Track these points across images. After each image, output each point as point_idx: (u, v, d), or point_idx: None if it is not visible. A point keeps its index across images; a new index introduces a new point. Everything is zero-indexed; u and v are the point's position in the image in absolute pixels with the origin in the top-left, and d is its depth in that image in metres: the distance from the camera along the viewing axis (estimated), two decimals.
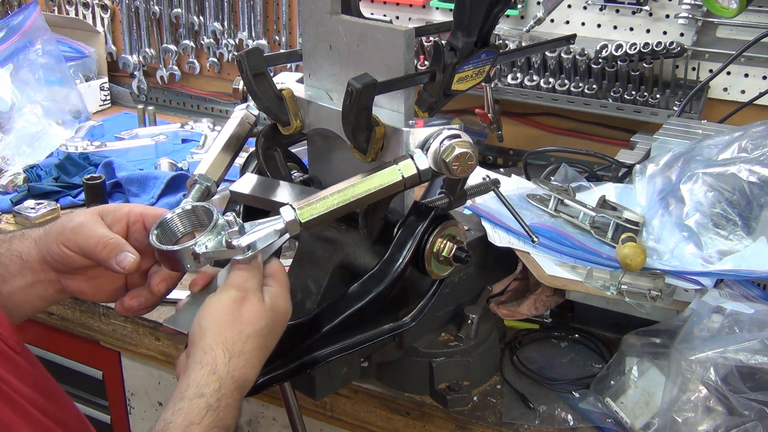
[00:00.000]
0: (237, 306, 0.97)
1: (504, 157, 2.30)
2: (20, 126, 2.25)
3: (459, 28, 1.12)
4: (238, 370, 0.94)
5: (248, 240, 0.98)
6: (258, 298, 0.99)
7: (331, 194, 1.02)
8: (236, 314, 0.96)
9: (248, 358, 0.95)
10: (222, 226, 0.99)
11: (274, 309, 1.00)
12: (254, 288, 0.99)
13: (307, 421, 1.36)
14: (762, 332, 1.14)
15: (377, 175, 1.03)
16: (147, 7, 2.64)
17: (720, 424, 1.11)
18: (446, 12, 2.17)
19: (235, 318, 0.96)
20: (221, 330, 0.95)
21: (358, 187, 1.03)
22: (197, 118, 2.52)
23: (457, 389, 1.30)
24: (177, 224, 1.04)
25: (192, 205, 1.04)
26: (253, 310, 0.97)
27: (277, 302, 1.01)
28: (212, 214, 1.00)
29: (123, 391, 1.82)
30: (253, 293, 0.98)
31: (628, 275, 1.30)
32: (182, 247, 0.98)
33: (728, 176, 1.36)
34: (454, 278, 1.31)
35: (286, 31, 2.48)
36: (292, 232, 1.01)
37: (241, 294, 0.98)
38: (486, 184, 1.29)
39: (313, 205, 1.01)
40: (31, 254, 1.07)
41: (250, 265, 1.00)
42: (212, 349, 0.94)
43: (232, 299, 0.97)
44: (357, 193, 1.03)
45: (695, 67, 1.95)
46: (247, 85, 1.17)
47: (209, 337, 0.95)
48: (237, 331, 0.95)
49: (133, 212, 1.09)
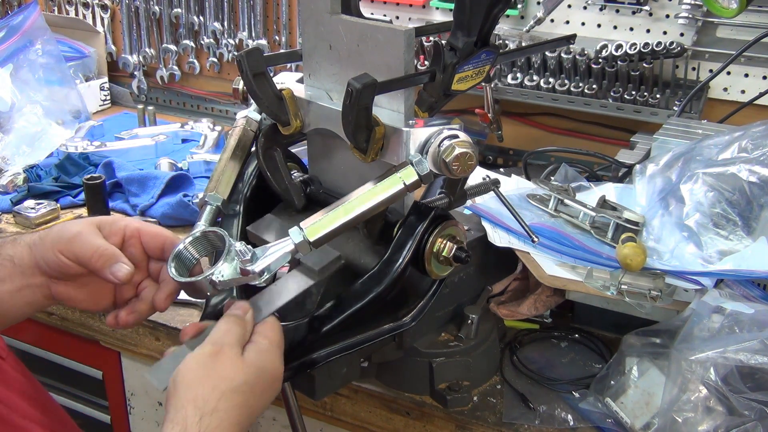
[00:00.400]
0: (211, 361, 0.92)
1: (504, 157, 2.30)
2: (20, 126, 2.25)
3: (459, 28, 1.12)
4: (210, 430, 0.88)
5: (262, 265, 0.99)
6: (235, 352, 0.94)
7: (335, 210, 1.03)
8: (209, 369, 0.92)
9: (223, 417, 0.89)
10: (235, 252, 1.00)
11: (257, 365, 0.95)
12: (232, 342, 0.95)
13: (307, 421, 1.36)
14: (762, 332, 1.14)
15: (380, 187, 1.04)
16: (147, 7, 2.64)
17: (720, 424, 1.11)
18: (446, 12, 2.17)
19: (208, 373, 0.91)
20: (193, 386, 0.90)
21: (362, 202, 1.04)
22: (197, 118, 2.52)
23: (457, 389, 1.30)
24: (191, 252, 1.05)
25: (202, 232, 1.06)
26: (228, 365, 0.92)
27: (262, 359, 0.96)
28: (224, 239, 1.01)
29: (123, 391, 1.81)
30: (230, 347, 0.94)
31: (628, 275, 1.30)
32: (201, 278, 0.99)
33: (728, 176, 1.36)
34: (454, 278, 1.31)
35: (286, 31, 2.48)
36: (304, 253, 1.02)
37: (216, 348, 0.93)
38: (486, 184, 1.29)
39: (320, 223, 1.02)
40: (23, 258, 1.07)
41: (232, 320, 0.98)
42: (183, 407, 0.89)
43: (206, 354, 0.93)
44: (362, 208, 1.04)
45: (695, 67, 1.95)
46: (247, 85, 1.17)
47: (181, 394, 0.90)
48: (210, 388, 0.90)
49: (130, 227, 1.09)
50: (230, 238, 1.00)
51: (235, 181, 1.30)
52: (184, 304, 1.57)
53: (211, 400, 0.89)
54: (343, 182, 1.24)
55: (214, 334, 0.96)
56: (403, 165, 1.05)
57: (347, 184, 1.17)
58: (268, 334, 0.99)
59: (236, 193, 1.29)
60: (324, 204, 1.07)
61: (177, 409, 0.89)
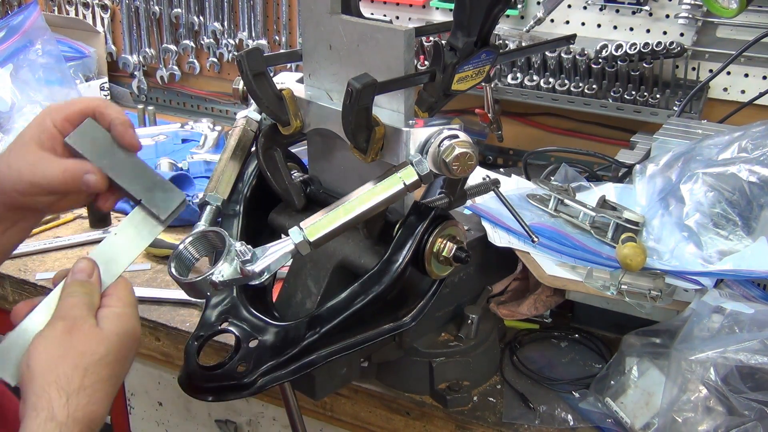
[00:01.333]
0: (66, 337, 0.87)
1: (504, 157, 2.30)
2: (20, 126, 2.24)
3: (459, 28, 1.12)
4: (81, 409, 0.84)
5: (262, 265, 0.99)
6: (90, 324, 0.89)
7: (335, 210, 1.03)
8: (66, 347, 0.86)
9: (91, 393, 0.85)
10: (235, 252, 1.00)
11: (117, 332, 0.90)
12: (84, 314, 0.90)
13: (307, 421, 1.36)
14: (762, 332, 1.14)
15: (380, 187, 1.04)
16: (147, 7, 2.64)
17: (720, 424, 1.11)
18: (446, 12, 2.17)
19: (65, 352, 0.86)
20: (52, 368, 0.85)
21: (362, 202, 1.04)
22: (197, 118, 2.52)
23: (457, 389, 1.30)
24: (192, 252, 1.05)
25: (203, 232, 1.05)
26: (85, 339, 0.87)
27: (119, 324, 0.91)
28: (224, 239, 1.01)
29: (123, 391, 1.81)
30: (83, 320, 0.89)
31: (628, 275, 1.30)
32: (201, 278, 0.99)
33: (728, 176, 1.36)
34: (454, 278, 1.31)
35: (286, 31, 2.48)
36: (303, 252, 1.02)
37: (69, 323, 0.88)
38: (486, 184, 1.29)
39: (319, 223, 1.02)
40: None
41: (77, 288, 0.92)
42: (45, 391, 0.83)
43: (59, 331, 0.87)
44: (362, 208, 1.04)
45: (695, 67, 1.95)
46: (247, 85, 1.17)
47: (39, 378, 0.84)
48: (71, 366, 0.85)
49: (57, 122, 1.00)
50: (230, 238, 1.00)
51: (235, 181, 1.30)
52: (184, 304, 1.57)
53: (75, 378, 0.85)
54: (343, 182, 1.24)
55: (61, 308, 0.90)
56: (403, 165, 1.05)
57: (347, 184, 1.17)
58: (121, 296, 0.94)
59: (236, 193, 1.29)
60: (324, 204, 1.07)
61: (39, 395, 0.83)
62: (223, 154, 1.31)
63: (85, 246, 1.81)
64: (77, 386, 0.84)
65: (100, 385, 0.86)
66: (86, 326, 0.89)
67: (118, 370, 0.90)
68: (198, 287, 1.00)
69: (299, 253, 1.02)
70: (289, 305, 1.22)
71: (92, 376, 0.86)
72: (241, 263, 0.99)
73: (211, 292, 1.01)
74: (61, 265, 1.73)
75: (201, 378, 1.08)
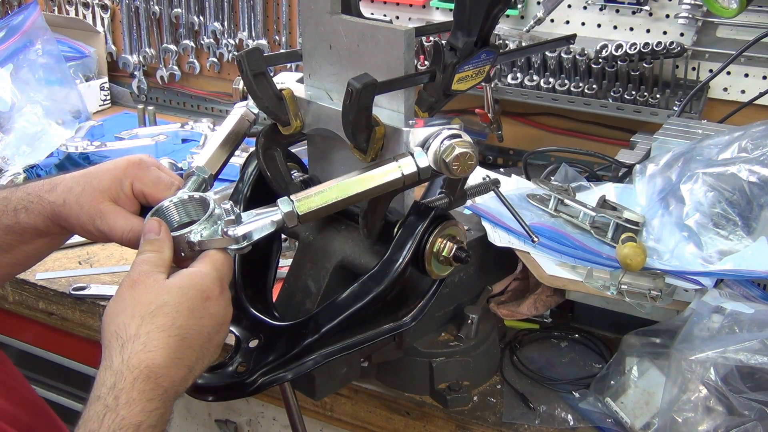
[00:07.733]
0: (129, 291, 0.90)
1: (504, 157, 2.30)
2: (20, 126, 2.25)
3: (459, 28, 1.12)
4: (135, 356, 0.85)
5: (244, 230, 0.98)
6: (154, 278, 0.91)
7: (330, 188, 1.02)
8: (128, 300, 0.89)
9: (147, 341, 0.86)
10: (218, 215, 0.98)
11: (179, 285, 0.91)
12: (148, 269, 0.92)
13: (307, 421, 1.36)
14: (762, 332, 1.14)
15: (377, 171, 1.03)
16: (147, 7, 2.64)
17: (720, 424, 1.11)
18: (446, 12, 2.17)
19: (126, 304, 0.89)
20: (114, 319, 0.88)
21: (357, 182, 1.03)
22: (197, 118, 2.51)
23: (457, 389, 1.30)
24: (173, 213, 1.04)
25: (188, 195, 1.04)
26: (145, 291, 0.90)
27: (186, 279, 0.92)
28: (208, 204, 0.99)
29: None
30: (147, 275, 0.91)
31: (628, 275, 1.30)
32: (176, 234, 0.97)
33: (728, 176, 1.36)
34: (454, 278, 1.31)
35: (286, 31, 2.48)
36: (290, 224, 1.01)
37: (134, 278, 0.91)
38: (486, 184, 1.29)
39: (312, 198, 1.01)
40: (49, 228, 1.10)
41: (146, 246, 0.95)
42: (109, 342, 0.87)
43: (125, 287, 0.91)
44: (355, 188, 1.03)
45: (695, 67, 1.95)
46: (247, 85, 1.17)
47: (105, 332, 0.88)
48: (129, 316, 0.88)
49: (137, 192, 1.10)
50: (215, 204, 0.98)
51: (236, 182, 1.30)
52: None
53: (131, 326, 0.87)
54: None
55: (132, 266, 0.93)
56: (403, 155, 1.04)
57: None
58: (204, 259, 0.96)
59: (236, 193, 1.29)
60: None
61: (104, 347, 0.87)
62: (219, 132, 1.29)
63: (85, 246, 1.81)
64: (132, 334, 0.86)
65: (156, 334, 0.87)
66: (150, 280, 0.91)
67: (182, 322, 0.89)
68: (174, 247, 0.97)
69: (286, 224, 1.00)
70: (289, 305, 1.22)
71: (148, 324, 0.87)
72: (224, 224, 0.97)
73: (186, 253, 0.98)
74: (61, 265, 1.74)
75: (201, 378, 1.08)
